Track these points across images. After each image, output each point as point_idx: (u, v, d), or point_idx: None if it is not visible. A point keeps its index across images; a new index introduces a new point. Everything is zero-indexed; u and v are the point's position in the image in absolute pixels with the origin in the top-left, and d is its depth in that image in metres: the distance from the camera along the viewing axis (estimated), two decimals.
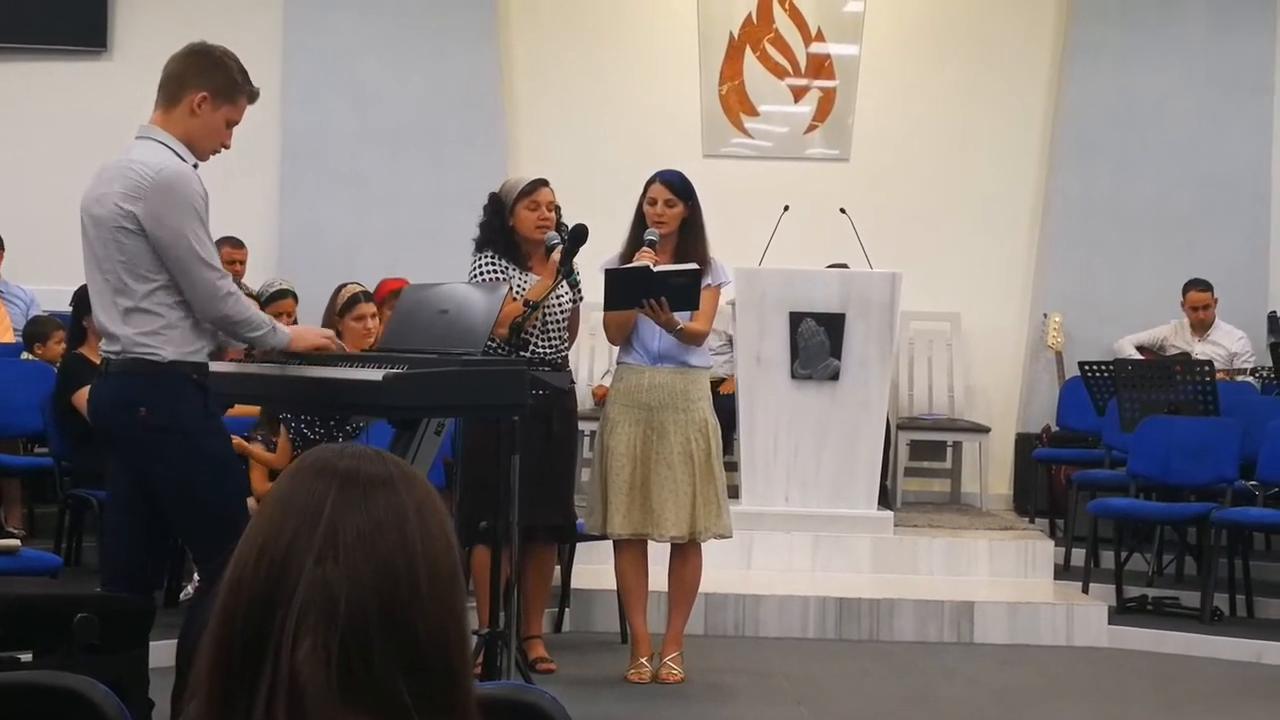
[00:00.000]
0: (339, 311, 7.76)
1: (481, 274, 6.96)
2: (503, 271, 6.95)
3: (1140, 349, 11.30)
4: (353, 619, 1.54)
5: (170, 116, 5.03)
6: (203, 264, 4.87)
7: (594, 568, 8.21)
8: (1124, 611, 8.79)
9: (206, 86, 5.01)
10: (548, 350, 6.99)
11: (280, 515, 1.59)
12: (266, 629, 1.54)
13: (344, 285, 7.98)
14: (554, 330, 7.03)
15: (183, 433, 4.91)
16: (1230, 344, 11.16)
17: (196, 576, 6.92)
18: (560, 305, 7.02)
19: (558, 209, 7.05)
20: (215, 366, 5.16)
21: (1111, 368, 10.11)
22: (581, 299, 7.23)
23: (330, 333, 5.45)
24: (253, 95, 5.15)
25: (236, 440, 6.36)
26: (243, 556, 1.59)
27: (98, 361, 5.27)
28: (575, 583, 8.23)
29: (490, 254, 7.01)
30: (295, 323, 8.85)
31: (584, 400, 7.82)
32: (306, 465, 1.64)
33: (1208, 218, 11.90)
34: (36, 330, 9.36)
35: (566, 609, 8.24)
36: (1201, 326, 11.21)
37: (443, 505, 1.65)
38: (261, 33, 11.49)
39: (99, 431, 5.13)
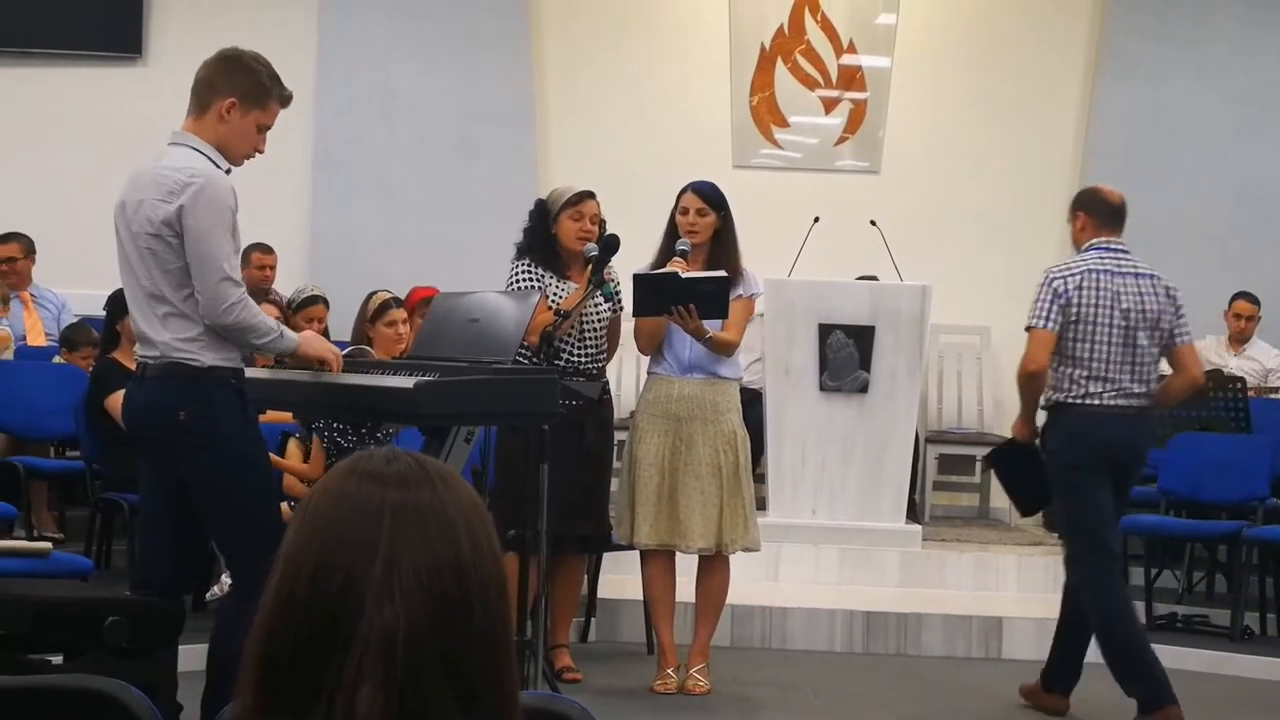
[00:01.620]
0: (370, 317, 7.81)
1: (517, 280, 6.98)
2: (539, 279, 6.96)
3: None
4: (410, 660, 1.54)
5: (201, 122, 5.04)
6: (217, 271, 4.86)
7: (621, 578, 8.21)
8: (1153, 629, 8.73)
9: (235, 92, 5.02)
10: (584, 359, 7.00)
11: (335, 544, 1.57)
12: (321, 662, 1.55)
13: (375, 292, 8.02)
14: (591, 339, 7.03)
15: (220, 436, 4.93)
16: (1266, 360, 11.12)
17: (225, 579, 6.95)
18: (598, 314, 7.03)
19: (602, 223, 7.05)
20: (249, 372, 5.18)
21: None
22: (621, 309, 7.23)
23: (337, 353, 5.35)
24: (285, 99, 5.14)
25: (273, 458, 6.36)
26: (291, 575, 1.58)
27: (130, 365, 5.28)
28: (602, 592, 8.22)
29: (528, 261, 7.03)
30: (326, 329, 8.89)
31: (620, 410, 7.83)
32: (353, 483, 1.62)
33: (1240, 233, 11.87)
34: (73, 336, 9.37)
35: (593, 619, 8.23)
36: (1240, 339, 11.17)
37: (489, 518, 1.65)
38: (295, 40, 11.52)
39: (135, 435, 5.14)
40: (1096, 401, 6.45)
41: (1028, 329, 6.66)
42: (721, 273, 6.86)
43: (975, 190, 12.05)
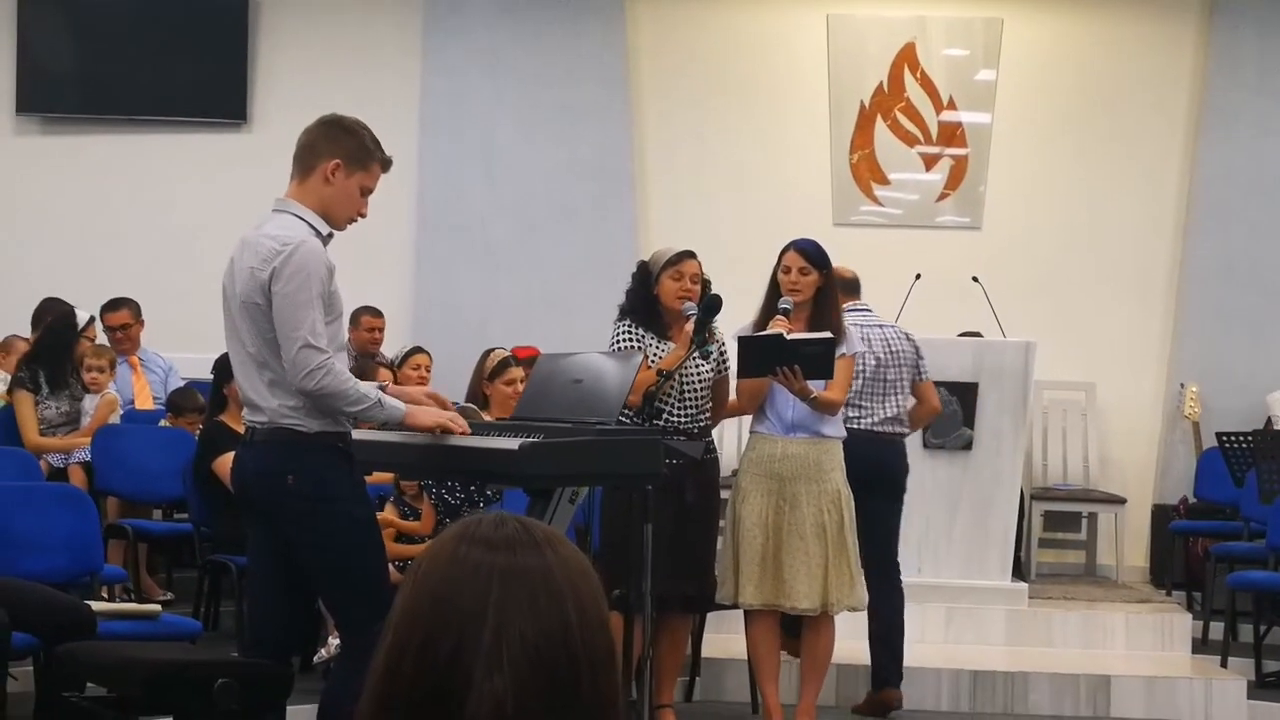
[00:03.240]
0: (489, 375, 7.85)
1: (617, 342, 7.00)
2: (639, 340, 6.97)
3: None
4: None
5: (305, 187, 5.09)
6: (297, 339, 4.86)
7: (725, 637, 8.18)
8: (1263, 686, 8.63)
9: (339, 154, 5.07)
10: (684, 419, 6.98)
11: (444, 610, 1.58)
12: None
13: (491, 350, 8.08)
14: (691, 399, 7.01)
15: (328, 500, 4.95)
16: None
17: (334, 641, 6.99)
18: (699, 375, 7.02)
19: (706, 282, 7.06)
20: (355, 434, 5.21)
21: (1250, 439, 9.94)
22: (728, 369, 7.21)
23: (457, 417, 5.36)
24: (385, 163, 5.19)
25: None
26: (401, 642, 1.59)
27: (238, 428, 5.33)
28: (706, 652, 8.19)
29: (629, 322, 7.05)
30: (428, 380, 8.98)
31: (723, 469, 7.81)
32: (463, 549, 1.63)
33: None
34: (180, 402, 9.47)
35: (697, 678, 8.20)
36: None
37: (598, 583, 1.65)
38: (398, 105, 11.67)
39: (243, 499, 5.17)
40: (855, 426, 7.45)
41: None
42: (827, 334, 6.85)
43: (1078, 245, 11.97)
